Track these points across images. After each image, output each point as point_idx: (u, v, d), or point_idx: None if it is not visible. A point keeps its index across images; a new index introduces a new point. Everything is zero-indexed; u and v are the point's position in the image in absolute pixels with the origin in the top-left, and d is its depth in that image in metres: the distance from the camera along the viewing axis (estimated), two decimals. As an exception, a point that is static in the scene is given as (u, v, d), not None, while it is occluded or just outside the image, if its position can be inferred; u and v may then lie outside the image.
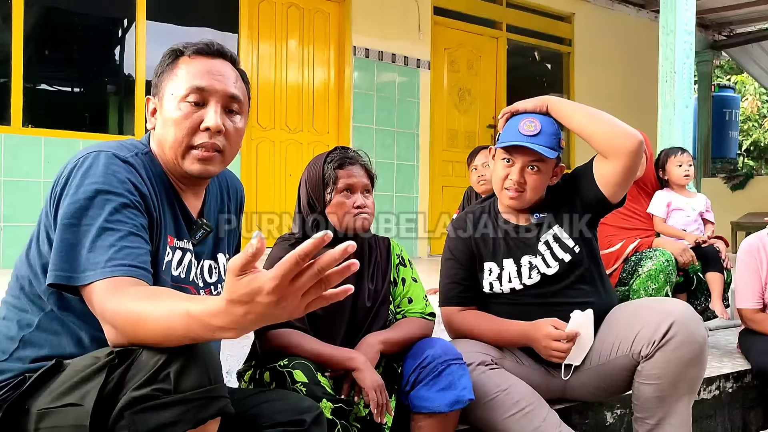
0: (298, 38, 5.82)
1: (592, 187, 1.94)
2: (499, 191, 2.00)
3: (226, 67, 1.37)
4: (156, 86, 1.38)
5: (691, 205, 3.17)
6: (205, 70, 1.33)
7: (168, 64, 1.36)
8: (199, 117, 1.31)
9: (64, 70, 5.26)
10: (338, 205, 1.78)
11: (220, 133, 1.33)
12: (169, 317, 1.01)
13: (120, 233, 1.17)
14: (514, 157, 1.93)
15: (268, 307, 0.91)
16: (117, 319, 1.08)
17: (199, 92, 1.31)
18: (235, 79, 1.37)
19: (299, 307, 0.92)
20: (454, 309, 2.03)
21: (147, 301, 1.06)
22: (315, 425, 1.40)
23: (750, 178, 8.81)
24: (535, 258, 1.97)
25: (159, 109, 1.36)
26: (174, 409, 1.02)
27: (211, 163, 1.34)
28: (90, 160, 1.23)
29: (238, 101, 1.36)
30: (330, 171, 1.79)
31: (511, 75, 7.13)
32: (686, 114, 3.92)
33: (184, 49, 1.35)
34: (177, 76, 1.33)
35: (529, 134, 1.89)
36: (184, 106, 1.31)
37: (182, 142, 1.32)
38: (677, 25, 3.92)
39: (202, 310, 0.97)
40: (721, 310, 2.96)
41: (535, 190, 1.95)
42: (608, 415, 2.30)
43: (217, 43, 1.37)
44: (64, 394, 1.10)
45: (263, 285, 0.89)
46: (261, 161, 5.60)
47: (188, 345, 1.06)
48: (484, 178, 3.43)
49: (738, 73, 13.73)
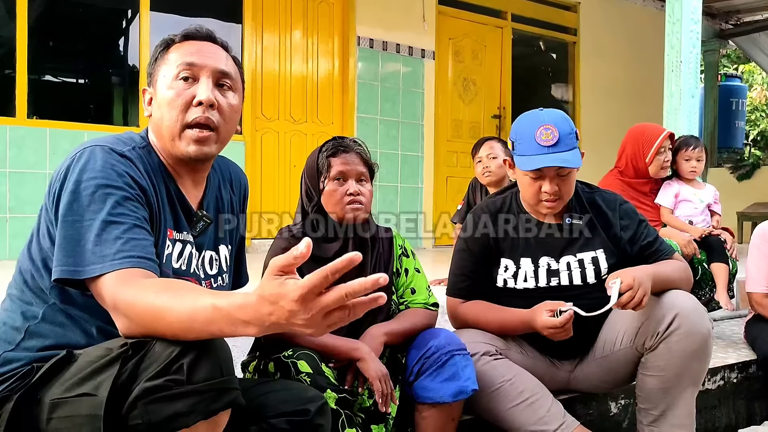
0: (302, 29, 5.81)
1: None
2: (534, 204, 1.95)
3: (215, 48, 1.38)
4: (150, 75, 1.39)
5: (699, 197, 3.16)
6: (195, 49, 1.35)
7: (160, 52, 1.38)
8: (191, 93, 1.32)
9: (69, 61, 5.26)
10: (330, 193, 1.78)
11: (213, 107, 1.33)
12: (192, 311, 1.02)
13: (125, 225, 1.17)
14: (541, 171, 1.88)
15: (290, 315, 0.93)
16: (133, 311, 1.09)
17: (190, 68, 1.33)
18: (226, 58, 1.39)
19: (321, 325, 0.94)
20: (459, 300, 2.02)
21: (167, 294, 1.07)
22: (319, 415, 1.41)
23: (756, 168, 8.77)
24: (556, 263, 1.95)
25: (154, 97, 1.37)
26: (187, 400, 1.03)
27: (207, 143, 1.34)
28: (87, 155, 1.23)
29: (230, 77, 1.37)
30: (323, 159, 1.79)
31: (516, 65, 7.10)
32: (692, 104, 3.90)
33: (175, 36, 1.38)
34: (168, 60, 1.35)
35: (548, 144, 1.84)
36: (176, 84, 1.33)
37: (177, 119, 1.32)
38: (683, 14, 3.89)
39: (229, 303, 0.99)
40: (726, 301, 2.95)
41: (569, 192, 1.93)
42: (612, 405, 2.30)
43: (207, 29, 1.39)
44: (78, 384, 1.11)
45: (290, 291, 0.91)
46: (265, 152, 5.60)
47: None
48: (488, 170, 3.41)
49: (745, 62, 13.61)
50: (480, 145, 3.49)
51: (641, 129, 3.11)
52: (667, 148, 3.05)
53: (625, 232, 1.98)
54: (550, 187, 1.88)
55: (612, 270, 1.93)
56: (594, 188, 2.09)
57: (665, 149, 3.04)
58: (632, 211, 2.03)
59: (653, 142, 2.99)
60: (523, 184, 1.96)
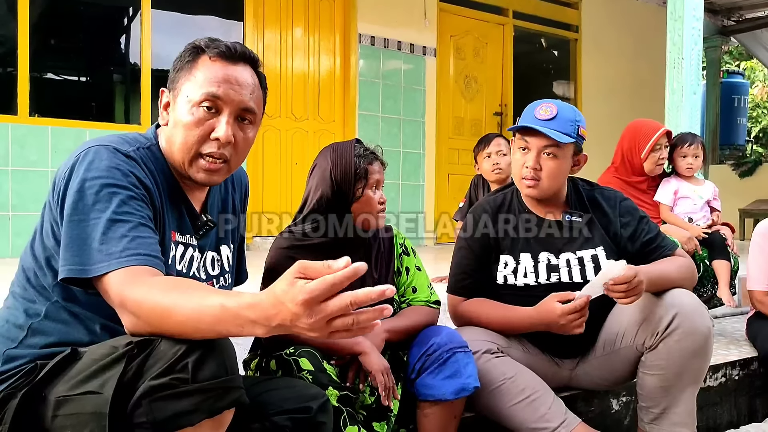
0: (303, 26, 5.80)
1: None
2: (518, 181, 1.97)
3: (245, 74, 1.34)
4: (172, 81, 1.35)
5: (699, 193, 3.16)
6: (223, 77, 1.30)
7: (187, 61, 1.33)
8: (211, 126, 1.30)
9: (70, 59, 5.27)
10: (367, 201, 1.80)
11: (230, 144, 1.32)
12: (200, 310, 1.03)
13: (130, 224, 1.18)
14: (528, 143, 1.90)
15: (294, 317, 0.94)
16: (141, 309, 1.09)
17: (214, 100, 1.30)
18: (253, 89, 1.35)
19: (324, 330, 0.95)
20: (461, 298, 2.02)
21: (176, 293, 1.07)
22: (321, 412, 1.42)
23: (758, 164, 8.75)
24: (555, 259, 1.95)
25: (172, 106, 1.34)
26: (191, 399, 1.04)
27: (217, 174, 1.34)
28: (92, 155, 1.23)
29: (252, 112, 1.35)
30: (363, 166, 1.79)
31: (518, 62, 7.09)
32: (694, 101, 3.89)
33: (206, 48, 1.32)
34: (194, 77, 1.31)
35: (544, 118, 1.86)
36: (197, 111, 1.30)
37: (191, 148, 1.31)
38: (685, 11, 3.88)
39: (238, 303, 1.00)
40: (728, 298, 2.95)
41: (552, 178, 1.91)
42: (614, 402, 2.30)
43: (240, 47, 1.34)
44: (83, 382, 1.11)
45: (297, 294, 0.92)
46: (267, 150, 5.60)
47: None
48: (498, 166, 3.40)
49: (747, 59, 13.59)
50: (488, 141, 3.48)
51: (639, 124, 3.10)
52: (663, 146, 3.04)
53: (626, 230, 1.98)
54: (532, 161, 1.89)
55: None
56: (594, 185, 2.09)
57: (661, 146, 3.03)
58: (633, 207, 2.02)
59: (650, 137, 2.98)
60: (514, 159, 1.98)
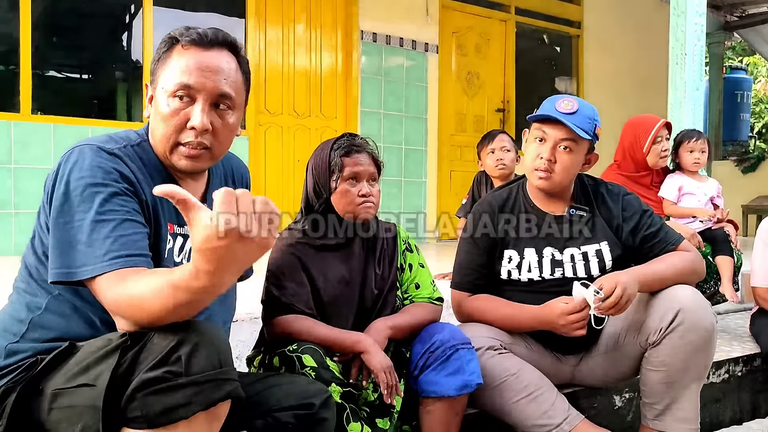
0: (305, 23, 5.80)
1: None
2: (530, 172, 1.97)
3: (220, 59, 1.31)
4: (152, 74, 1.35)
5: (703, 190, 3.16)
6: (195, 64, 1.28)
7: (163, 51, 1.32)
8: (186, 115, 1.29)
9: (73, 57, 5.27)
10: (343, 193, 1.77)
11: (207, 132, 1.30)
12: (159, 293, 1.05)
13: (113, 222, 1.18)
14: (546, 134, 1.90)
15: (225, 249, 0.95)
16: (120, 308, 1.11)
17: (186, 89, 1.28)
18: (228, 73, 1.31)
19: (259, 232, 0.96)
20: (465, 294, 2.02)
21: (139, 284, 1.09)
22: (324, 409, 1.42)
23: (762, 160, 8.71)
24: (560, 254, 1.95)
25: (154, 98, 1.34)
26: (185, 391, 1.04)
27: (199, 160, 1.33)
28: (76, 155, 1.24)
29: (229, 98, 1.32)
30: (336, 158, 1.77)
31: (520, 58, 7.08)
32: (697, 97, 3.88)
33: (180, 37, 1.31)
34: (168, 68, 1.30)
35: (565, 111, 1.87)
36: (173, 102, 1.29)
37: (170, 138, 1.31)
38: (688, 7, 3.87)
39: (181, 275, 1.02)
40: (731, 294, 2.95)
41: (565, 171, 1.91)
42: (617, 398, 2.30)
43: (213, 32, 1.31)
44: (78, 374, 1.12)
45: (212, 232, 0.94)
46: (269, 147, 5.60)
47: (198, 328, 1.09)
48: (502, 162, 3.40)
49: (750, 54, 13.54)
50: (492, 138, 3.48)
51: (638, 119, 3.10)
52: (664, 138, 3.03)
53: (628, 224, 1.97)
54: (548, 153, 1.89)
55: (616, 262, 1.94)
56: (598, 181, 2.09)
57: (662, 138, 3.02)
58: (636, 201, 2.02)
59: (649, 131, 2.98)
60: (528, 150, 1.97)
